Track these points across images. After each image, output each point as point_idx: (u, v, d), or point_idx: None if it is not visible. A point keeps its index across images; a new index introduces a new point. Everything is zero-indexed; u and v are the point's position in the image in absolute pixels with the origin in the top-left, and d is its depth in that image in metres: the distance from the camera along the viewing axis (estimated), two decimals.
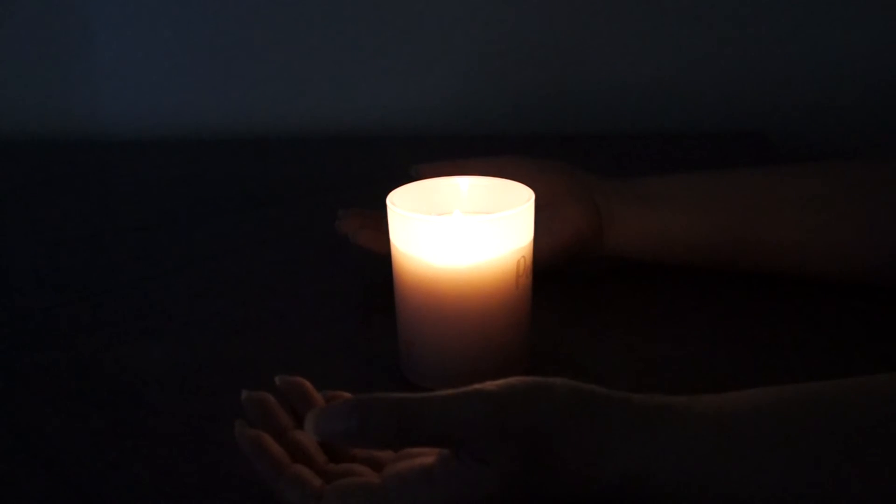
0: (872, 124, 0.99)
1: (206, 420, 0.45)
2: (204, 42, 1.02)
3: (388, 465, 0.36)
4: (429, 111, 1.03)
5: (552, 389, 0.34)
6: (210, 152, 1.00)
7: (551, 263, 0.55)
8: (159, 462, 0.42)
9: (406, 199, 0.47)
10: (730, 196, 0.57)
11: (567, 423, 0.33)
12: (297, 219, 0.76)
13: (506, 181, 0.48)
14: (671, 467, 0.32)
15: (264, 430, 0.37)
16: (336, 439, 0.34)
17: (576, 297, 0.58)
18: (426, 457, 0.35)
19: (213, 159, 0.97)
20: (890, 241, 0.54)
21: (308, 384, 0.40)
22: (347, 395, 0.38)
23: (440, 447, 0.34)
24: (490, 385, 0.34)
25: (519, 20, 0.98)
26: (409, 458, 0.36)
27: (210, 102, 1.05)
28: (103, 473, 0.41)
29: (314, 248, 0.68)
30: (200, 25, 1.01)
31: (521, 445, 0.32)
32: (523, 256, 0.45)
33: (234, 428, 0.37)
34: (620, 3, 0.97)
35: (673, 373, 0.49)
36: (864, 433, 0.31)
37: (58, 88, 1.05)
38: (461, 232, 0.43)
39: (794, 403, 0.33)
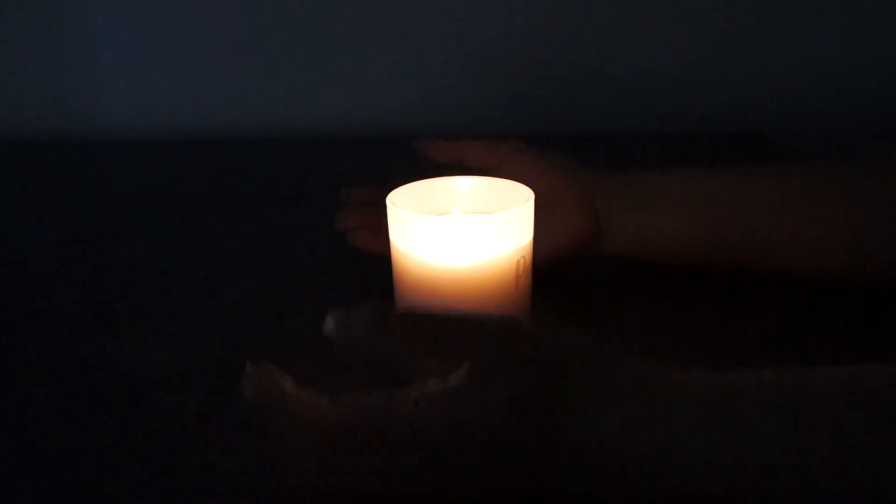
0: (872, 124, 0.99)
1: (206, 420, 0.45)
2: (204, 42, 1.02)
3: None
4: (429, 111, 1.03)
5: (578, 348, 0.35)
6: (210, 152, 1.00)
7: (549, 264, 0.55)
8: (159, 462, 0.42)
9: (406, 199, 0.47)
10: (731, 196, 0.57)
11: (586, 377, 0.34)
12: (297, 219, 0.76)
13: (506, 181, 0.48)
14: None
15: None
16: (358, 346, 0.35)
17: (575, 297, 0.58)
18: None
19: (213, 159, 0.97)
20: (891, 240, 0.53)
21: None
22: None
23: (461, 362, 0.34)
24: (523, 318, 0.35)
25: (519, 20, 0.98)
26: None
27: (210, 102, 1.05)
28: (103, 473, 0.41)
29: (314, 249, 0.68)
30: (200, 26, 1.01)
31: (536, 374, 0.33)
32: (523, 256, 0.45)
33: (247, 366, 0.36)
34: (620, 3, 0.97)
35: None
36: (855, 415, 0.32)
37: (58, 88, 1.05)
38: (461, 232, 0.43)
39: (791, 384, 0.34)
